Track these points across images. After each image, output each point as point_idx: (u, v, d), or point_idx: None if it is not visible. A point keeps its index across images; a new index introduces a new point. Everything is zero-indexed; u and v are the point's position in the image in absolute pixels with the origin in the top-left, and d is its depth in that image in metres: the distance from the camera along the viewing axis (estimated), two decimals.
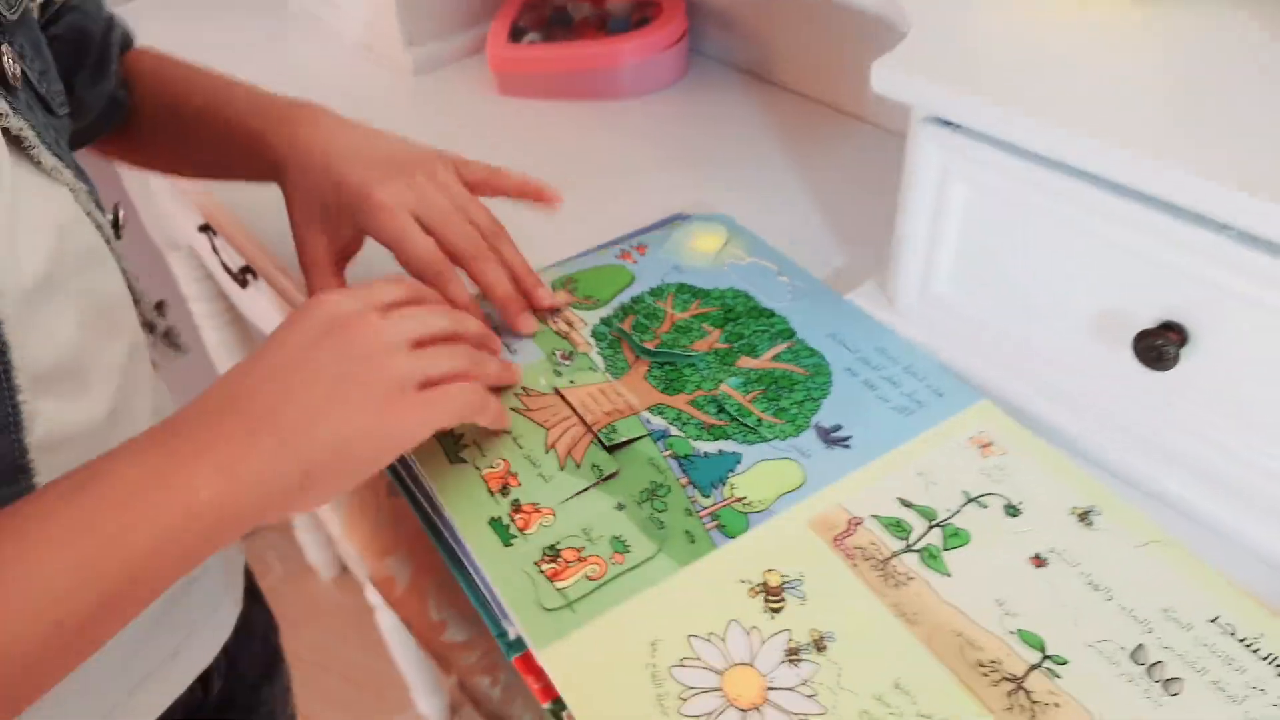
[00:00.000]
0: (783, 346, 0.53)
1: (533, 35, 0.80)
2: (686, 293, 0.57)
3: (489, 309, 0.55)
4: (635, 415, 0.49)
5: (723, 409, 0.49)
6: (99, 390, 0.43)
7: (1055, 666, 0.37)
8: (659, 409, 0.49)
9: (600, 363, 0.52)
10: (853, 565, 0.41)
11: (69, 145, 0.56)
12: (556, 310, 0.56)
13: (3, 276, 0.36)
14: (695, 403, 0.50)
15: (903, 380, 0.50)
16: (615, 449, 0.47)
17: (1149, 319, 0.44)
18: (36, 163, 0.40)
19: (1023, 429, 0.47)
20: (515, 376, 0.51)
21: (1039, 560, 0.41)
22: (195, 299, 1.16)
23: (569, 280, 0.58)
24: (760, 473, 0.46)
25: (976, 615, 0.39)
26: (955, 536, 0.42)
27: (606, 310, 0.56)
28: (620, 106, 0.80)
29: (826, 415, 0.48)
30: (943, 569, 0.41)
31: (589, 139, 0.77)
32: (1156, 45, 0.47)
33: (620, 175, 0.72)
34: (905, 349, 0.52)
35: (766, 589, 0.41)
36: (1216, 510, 0.45)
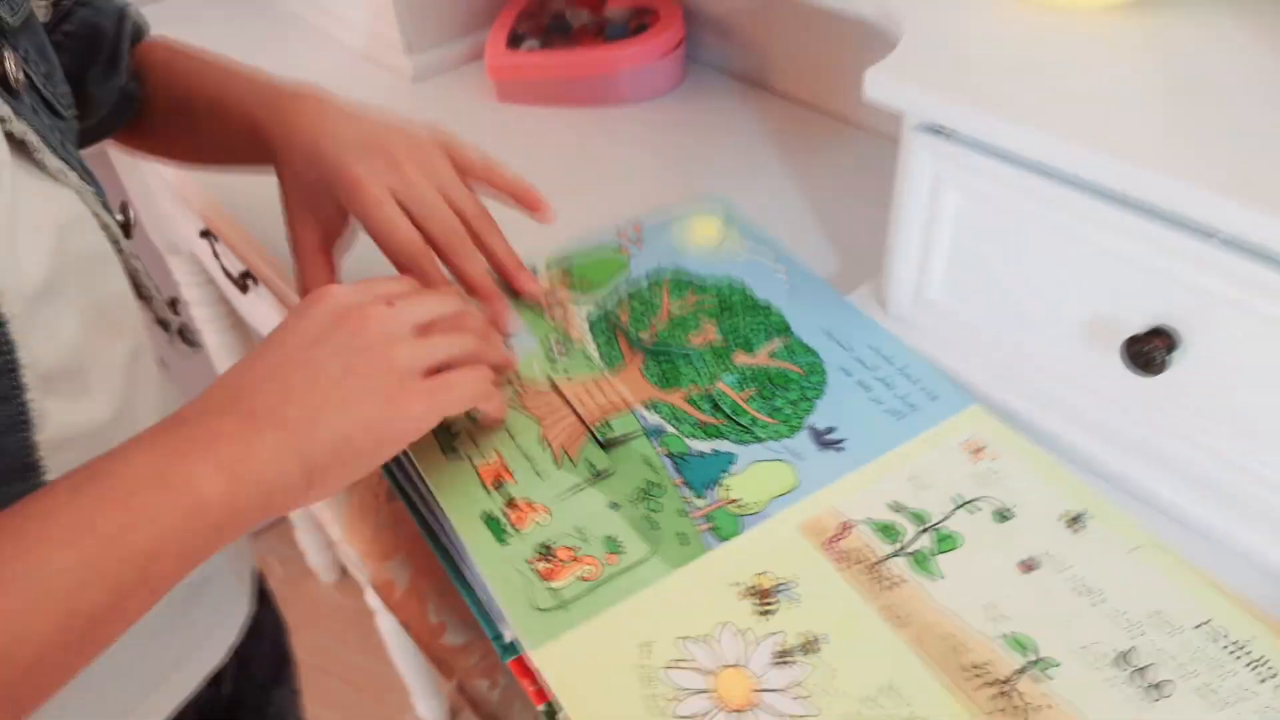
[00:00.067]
0: (778, 343, 0.53)
1: (531, 42, 0.80)
2: (683, 283, 0.57)
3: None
4: (630, 410, 0.49)
5: (718, 406, 0.49)
6: (102, 390, 0.43)
7: (1044, 670, 0.38)
8: (654, 404, 0.49)
9: (595, 354, 0.52)
10: (844, 569, 0.42)
11: (83, 141, 0.56)
12: (553, 297, 0.55)
13: (5, 277, 0.37)
14: (690, 399, 0.50)
15: (897, 382, 0.51)
16: (610, 446, 0.47)
17: (1139, 325, 0.44)
18: (41, 165, 0.41)
19: (1014, 434, 0.48)
20: (515, 363, 0.51)
21: (1029, 564, 0.42)
22: (196, 303, 1.17)
23: (564, 265, 0.58)
24: (754, 474, 0.46)
25: (966, 618, 0.39)
26: (946, 540, 0.43)
27: (602, 299, 0.56)
28: (618, 113, 0.81)
29: (820, 416, 0.49)
30: (933, 573, 0.41)
31: (587, 145, 0.77)
32: (1147, 53, 0.48)
33: (617, 181, 0.72)
34: (899, 349, 0.52)
35: (758, 592, 0.41)
36: (1207, 515, 0.45)
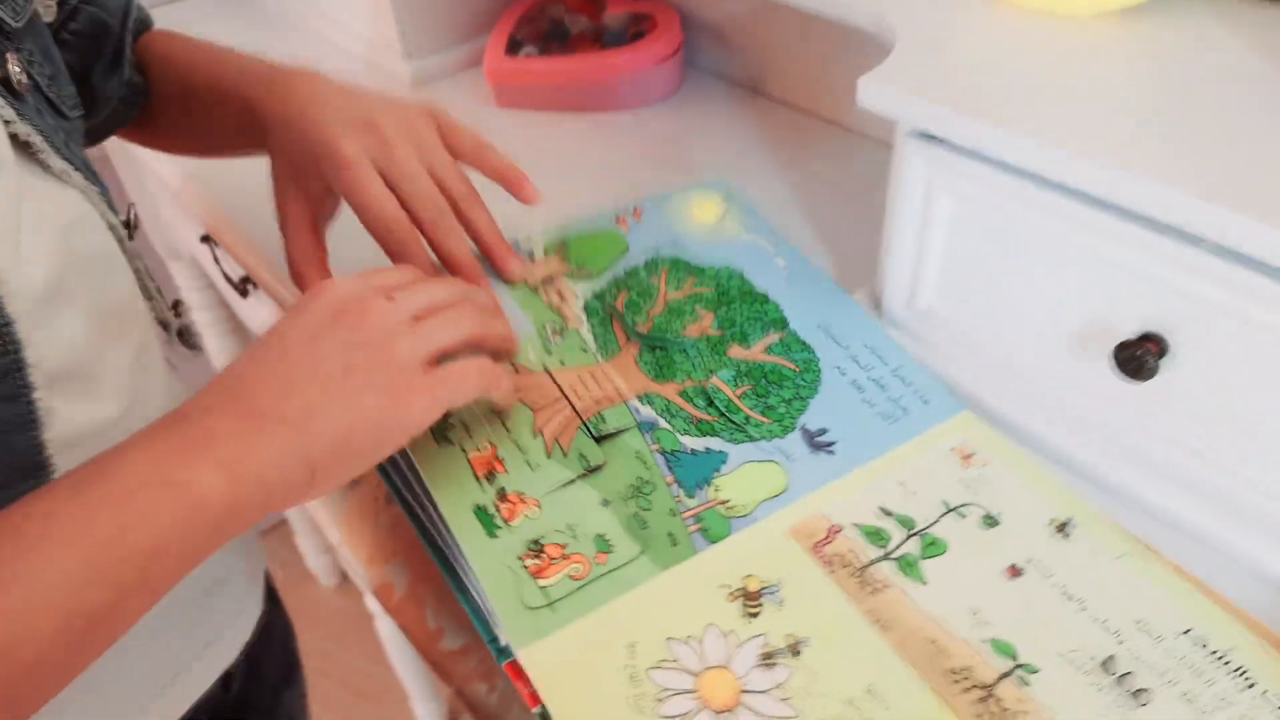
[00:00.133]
0: (774, 337, 0.53)
1: (530, 48, 0.80)
2: (681, 269, 0.56)
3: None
4: (624, 403, 0.49)
5: (712, 402, 0.49)
6: (110, 390, 0.43)
7: (1026, 675, 0.38)
8: (648, 397, 0.49)
9: (591, 342, 0.52)
10: (831, 572, 0.42)
11: (95, 137, 0.57)
12: (550, 279, 0.54)
13: (10, 278, 0.37)
14: (684, 393, 0.50)
15: (890, 384, 0.50)
16: (603, 439, 0.47)
17: (1129, 330, 0.44)
18: (45, 166, 0.41)
19: (1004, 440, 0.48)
20: (516, 345, 0.49)
21: (1015, 570, 0.42)
22: (197, 308, 1.17)
23: (561, 243, 0.57)
24: (745, 475, 0.46)
25: (950, 623, 0.40)
26: (933, 546, 0.43)
27: (599, 283, 0.55)
28: (616, 118, 0.81)
29: (813, 416, 0.49)
30: (919, 577, 0.42)
31: (585, 150, 0.78)
32: (1138, 60, 0.48)
33: (615, 186, 0.72)
34: (894, 349, 0.52)
35: (745, 594, 0.41)
36: (1198, 519, 0.45)
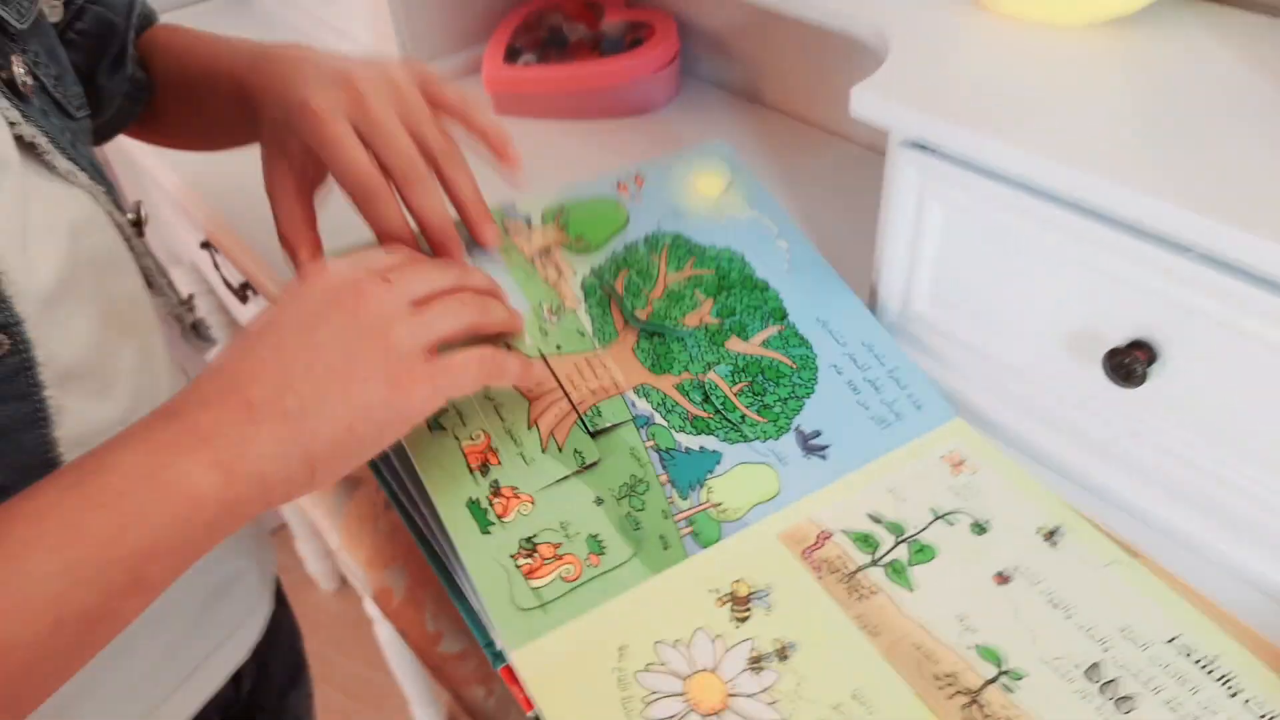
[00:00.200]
0: (773, 330, 0.52)
1: (528, 56, 0.81)
2: (682, 248, 0.55)
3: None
4: (620, 395, 0.48)
5: (708, 398, 0.49)
6: (120, 389, 0.43)
7: (1011, 681, 0.38)
8: (644, 390, 0.49)
9: (588, 325, 0.51)
10: (819, 578, 0.42)
11: (103, 135, 0.57)
12: (547, 251, 0.53)
13: (18, 279, 0.37)
14: (681, 387, 0.49)
15: (885, 386, 0.50)
16: (598, 434, 0.47)
17: (1119, 337, 0.45)
18: (51, 167, 0.41)
19: (995, 448, 0.48)
20: (519, 326, 0.48)
21: (1002, 577, 0.42)
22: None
23: (559, 212, 0.55)
24: (738, 477, 0.46)
25: (937, 629, 0.40)
26: (922, 552, 0.43)
27: (598, 258, 0.54)
28: (614, 126, 0.81)
29: (808, 417, 0.49)
30: (907, 584, 0.42)
31: (583, 157, 0.78)
32: (1128, 71, 0.48)
33: None
34: (891, 348, 0.52)
35: (734, 598, 0.42)
36: (1187, 524, 0.45)
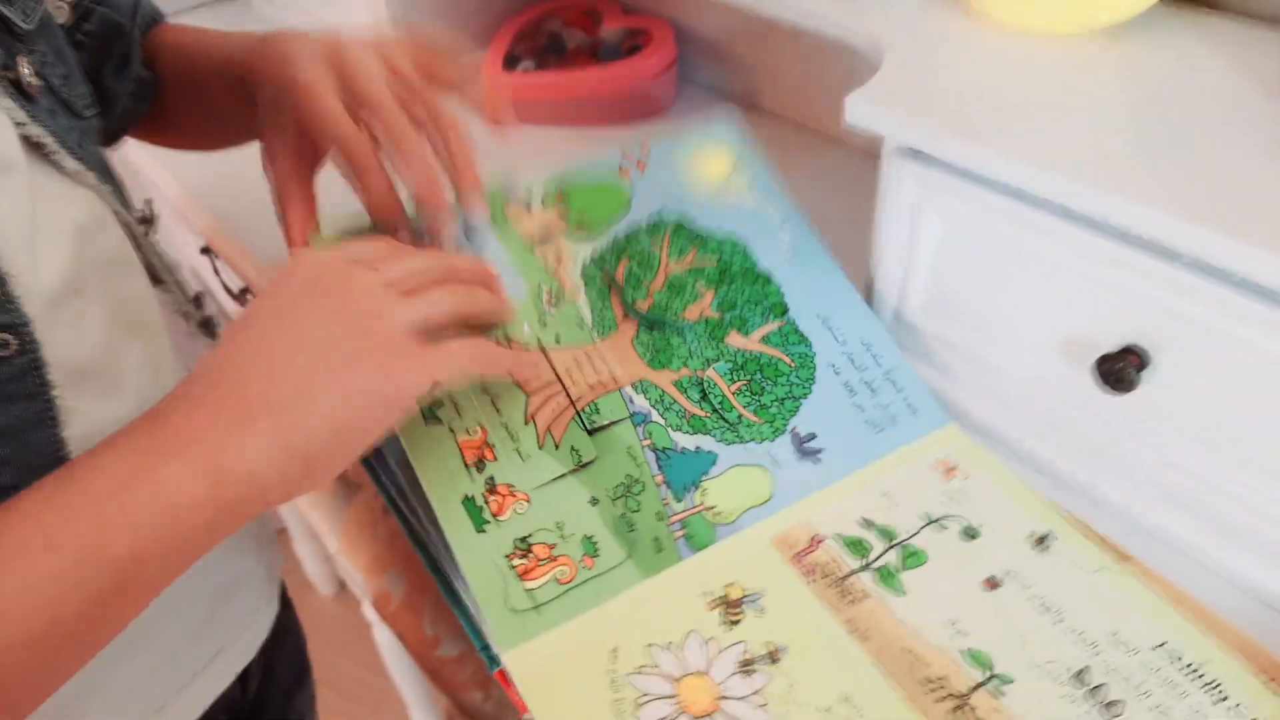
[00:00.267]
0: (773, 325, 0.52)
1: (526, 63, 0.81)
2: (684, 235, 0.54)
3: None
4: (618, 391, 0.48)
5: (706, 396, 0.49)
6: (130, 387, 0.43)
7: (1000, 685, 0.38)
8: (643, 386, 0.49)
9: (588, 315, 0.51)
10: (811, 582, 0.42)
11: (112, 136, 0.56)
12: (547, 236, 0.52)
13: (26, 279, 0.37)
14: (679, 384, 0.49)
15: (882, 388, 0.50)
16: (595, 431, 0.46)
17: (1111, 344, 0.45)
18: (59, 167, 0.40)
19: (988, 454, 0.48)
20: (509, 315, 0.47)
21: (993, 582, 0.42)
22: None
23: (560, 193, 0.54)
24: (732, 479, 0.46)
25: (927, 633, 0.40)
26: (913, 557, 0.43)
27: (599, 243, 0.53)
28: (612, 133, 0.82)
29: (804, 419, 0.49)
30: (898, 588, 0.42)
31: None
32: (1120, 80, 0.49)
33: None
34: (889, 349, 0.52)
35: (726, 602, 0.42)
36: (1178, 528, 0.46)
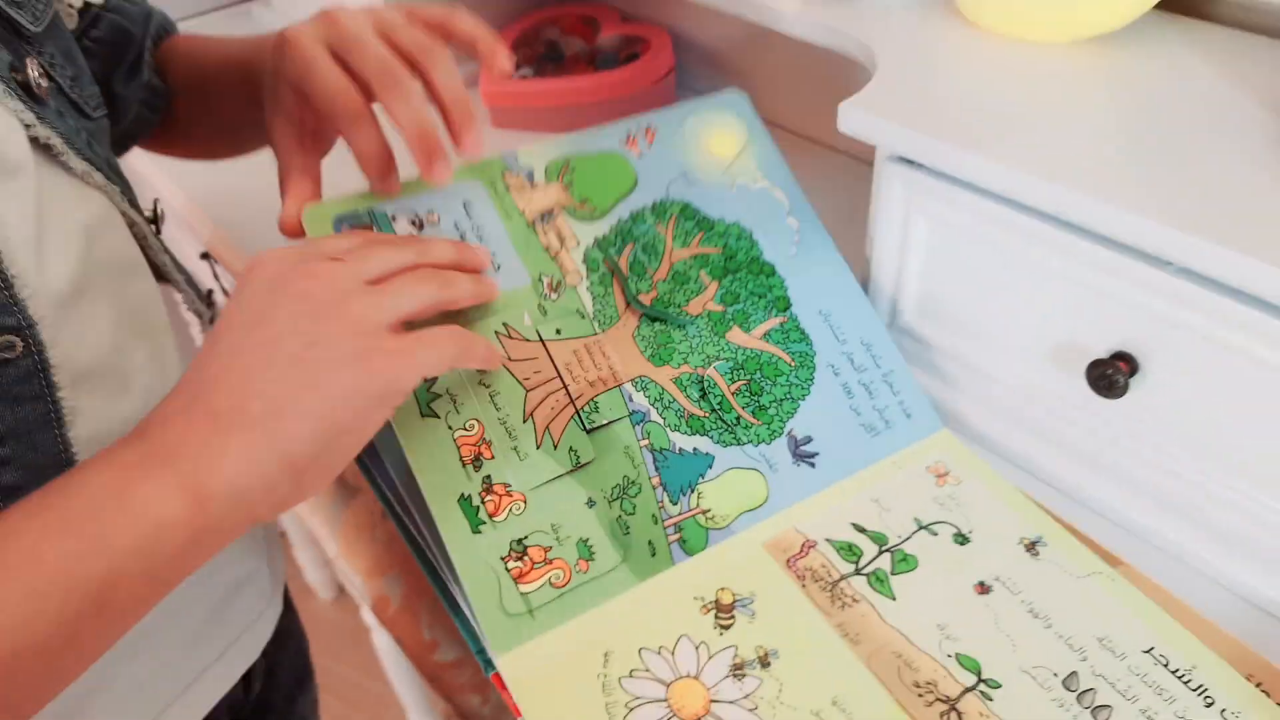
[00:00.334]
0: (775, 322, 0.51)
1: (525, 70, 0.82)
2: (690, 220, 0.53)
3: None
4: (618, 387, 0.48)
5: (705, 395, 0.48)
6: (136, 388, 0.43)
7: (989, 690, 0.38)
8: (642, 383, 0.48)
9: (589, 305, 0.49)
10: (803, 586, 0.43)
11: (121, 144, 0.57)
12: (549, 214, 0.51)
13: (33, 280, 0.37)
14: (679, 381, 0.49)
15: (879, 391, 0.50)
16: (594, 430, 0.46)
17: (1102, 349, 0.45)
18: (67, 169, 0.41)
19: (979, 460, 0.49)
20: (494, 292, 0.45)
21: (983, 587, 0.43)
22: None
23: (565, 166, 0.53)
24: (728, 483, 0.46)
25: (917, 638, 0.40)
26: (904, 562, 0.44)
27: (603, 227, 0.52)
28: None
29: (801, 422, 0.49)
30: (889, 593, 0.42)
31: None
32: (1110, 88, 0.49)
33: None
34: (888, 349, 0.52)
35: (718, 606, 0.42)
36: (1169, 532, 0.46)
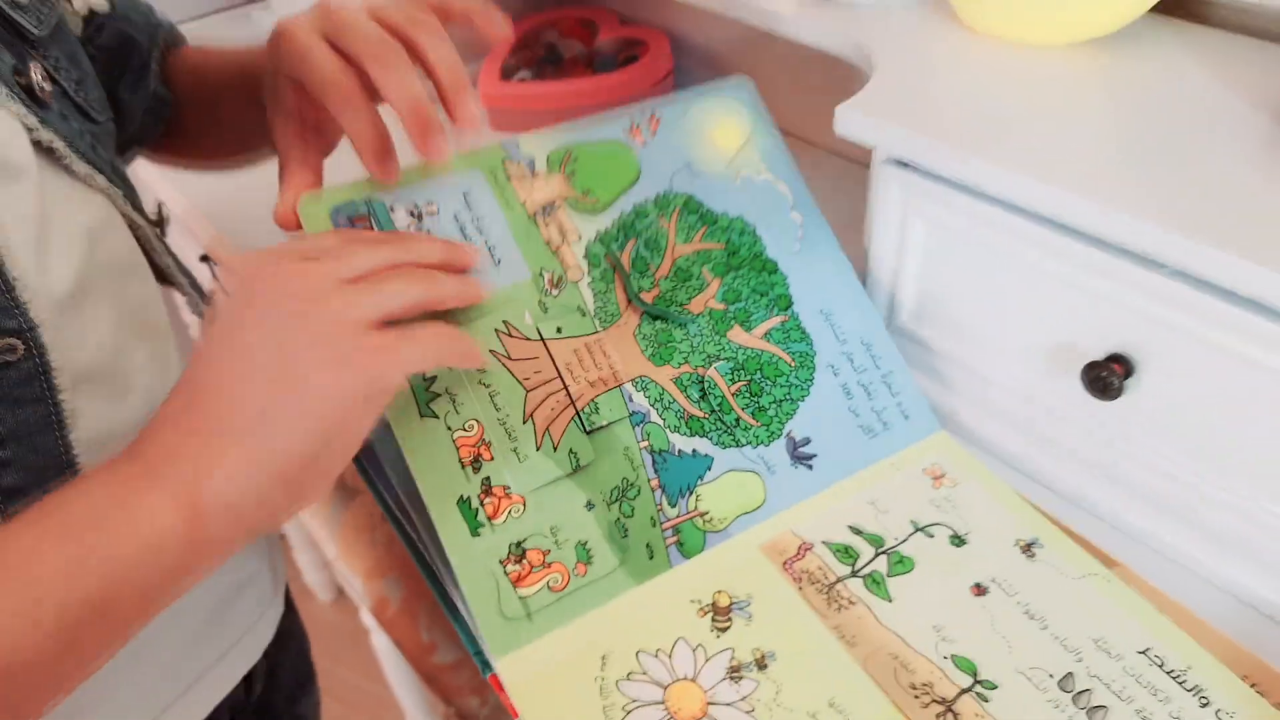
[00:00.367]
0: (776, 321, 0.51)
1: (523, 73, 0.82)
2: (693, 214, 0.53)
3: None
4: (619, 388, 0.47)
5: (705, 395, 0.48)
6: (138, 391, 0.43)
7: (985, 691, 0.39)
8: (643, 383, 0.48)
9: (590, 302, 0.49)
10: (799, 588, 0.43)
11: (122, 151, 0.56)
12: (551, 206, 0.50)
13: (35, 283, 0.37)
14: (679, 381, 0.49)
15: (877, 392, 0.50)
16: (594, 431, 0.46)
17: (1097, 351, 0.45)
18: (70, 172, 0.41)
19: (976, 462, 0.49)
20: (479, 293, 0.44)
21: (979, 589, 0.43)
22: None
23: (567, 156, 0.52)
24: (726, 485, 0.46)
25: (913, 640, 0.41)
26: (900, 564, 0.44)
27: (605, 221, 0.51)
28: None
29: (800, 423, 0.49)
30: (885, 595, 0.43)
31: None
32: (1106, 90, 0.49)
33: None
34: (888, 349, 0.52)
35: (715, 609, 0.42)
36: (1164, 533, 0.46)
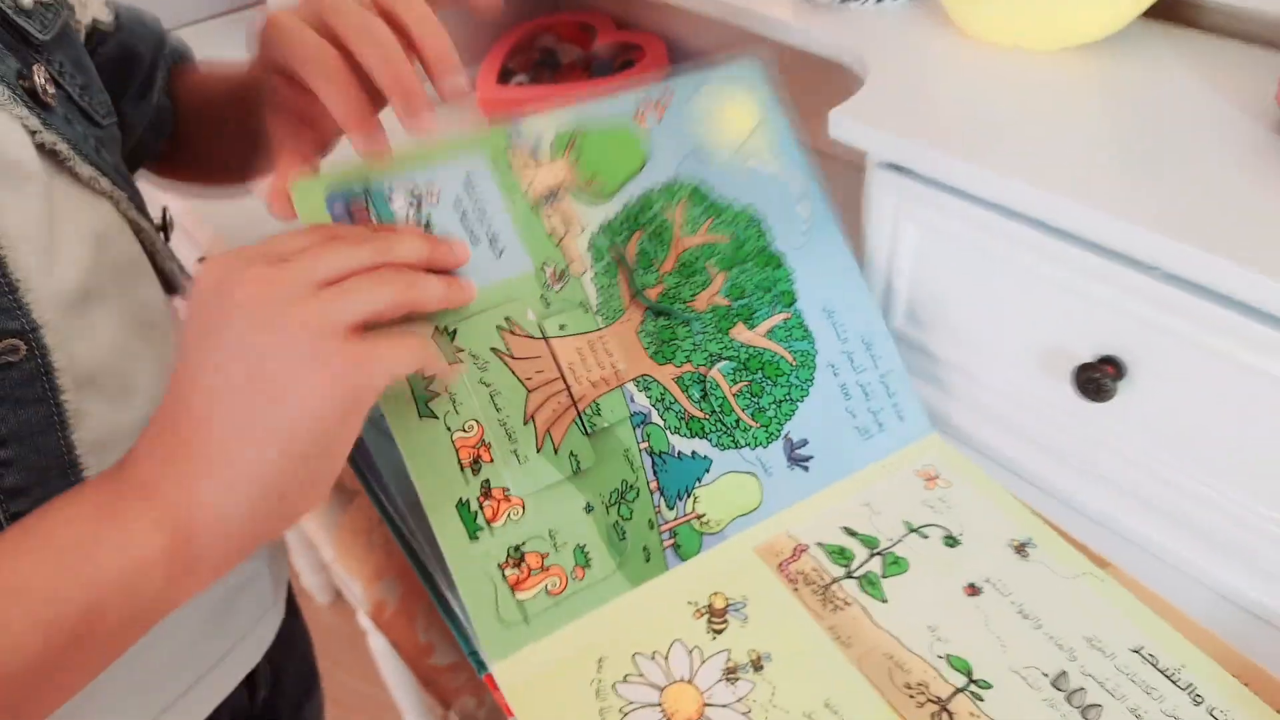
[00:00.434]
0: (779, 318, 0.51)
1: (521, 77, 0.82)
2: (699, 204, 0.52)
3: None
4: (620, 388, 0.47)
5: (706, 396, 0.48)
6: (142, 393, 0.43)
7: (979, 690, 0.39)
8: (644, 382, 0.48)
9: (593, 297, 0.48)
10: (794, 590, 0.43)
11: (127, 164, 0.55)
12: (554, 194, 0.49)
13: (39, 284, 0.37)
14: (681, 380, 0.48)
15: (875, 392, 0.51)
16: (595, 433, 0.46)
17: (1089, 354, 0.46)
18: (74, 175, 0.41)
19: (969, 463, 0.49)
20: (465, 295, 0.43)
21: (973, 589, 0.43)
22: None
23: (572, 139, 0.51)
24: (724, 487, 0.47)
25: (908, 640, 0.41)
26: (895, 565, 0.44)
27: (609, 210, 0.50)
28: None
29: (798, 424, 0.49)
30: (880, 595, 0.43)
31: None
32: (1098, 95, 0.50)
33: None
34: (887, 349, 0.52)
35: (711, 610, 0.43)
36: (1156, 535, 0.47)
